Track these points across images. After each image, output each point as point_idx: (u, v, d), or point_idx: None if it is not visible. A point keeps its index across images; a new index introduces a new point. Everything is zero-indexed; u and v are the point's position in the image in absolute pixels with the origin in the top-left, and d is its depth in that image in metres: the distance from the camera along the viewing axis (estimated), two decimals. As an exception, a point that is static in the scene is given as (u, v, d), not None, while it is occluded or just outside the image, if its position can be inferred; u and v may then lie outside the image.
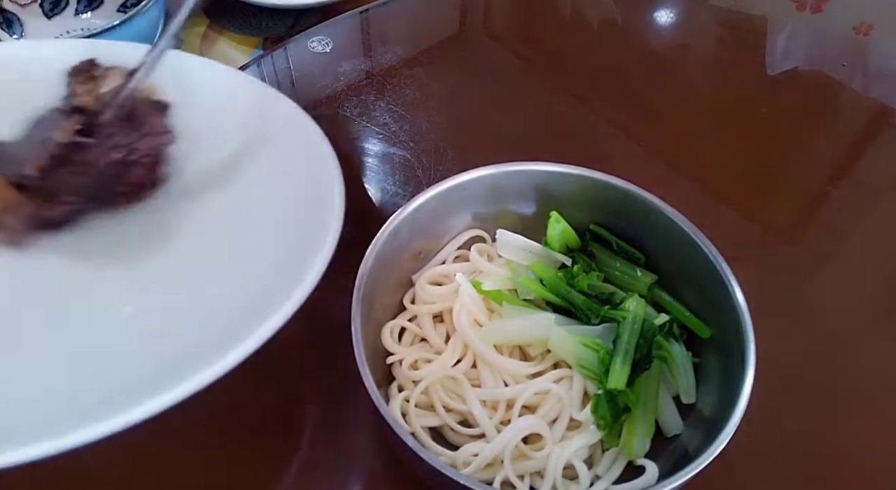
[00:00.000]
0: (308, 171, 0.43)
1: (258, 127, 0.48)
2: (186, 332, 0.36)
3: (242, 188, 0.45)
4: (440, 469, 0.33)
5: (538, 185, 0.47)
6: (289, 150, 0.46)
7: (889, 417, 0.46)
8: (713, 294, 0.41)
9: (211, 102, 0.48)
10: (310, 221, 0.40)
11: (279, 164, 0.45)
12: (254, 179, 0.45)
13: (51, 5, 0.68)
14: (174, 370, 0.32)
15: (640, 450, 0.39)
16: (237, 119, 0.48)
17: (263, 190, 0.44)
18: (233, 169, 0.46)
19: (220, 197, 0.45)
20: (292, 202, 0.43)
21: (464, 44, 0.74)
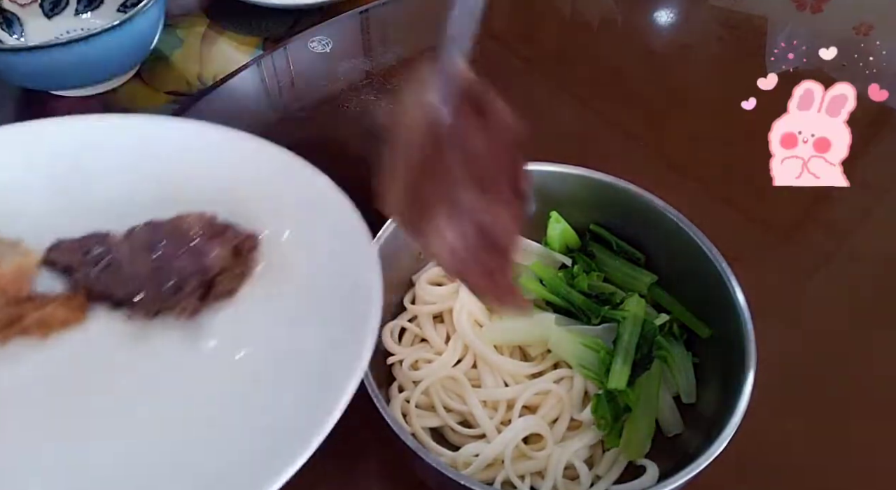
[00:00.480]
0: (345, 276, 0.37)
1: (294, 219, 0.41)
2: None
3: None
4: (440, 469, 0.33)
5: (538, 185, 0.47)
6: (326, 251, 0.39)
7: (889, 417, 0.46)
8: (713, 294, 0.41)
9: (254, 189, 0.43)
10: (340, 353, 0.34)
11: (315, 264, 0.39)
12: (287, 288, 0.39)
13: (51, 5, 0.68)
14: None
15: (640, 450, 0.39)
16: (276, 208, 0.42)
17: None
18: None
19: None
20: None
21: (464, 44, 0.74)
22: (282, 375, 0.35)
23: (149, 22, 0.61)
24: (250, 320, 0.37)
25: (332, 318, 0.36)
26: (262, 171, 0.43)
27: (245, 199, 0.41)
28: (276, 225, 0.41)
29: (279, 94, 0.66)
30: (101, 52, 0.59)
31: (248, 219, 0.41)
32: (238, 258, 0.39)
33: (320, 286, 0.37)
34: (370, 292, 0.35)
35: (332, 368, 0.33)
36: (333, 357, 0.34)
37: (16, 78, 0.60)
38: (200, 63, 0.70)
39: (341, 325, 0.35)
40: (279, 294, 0.38)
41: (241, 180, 0.42)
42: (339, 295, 0.36)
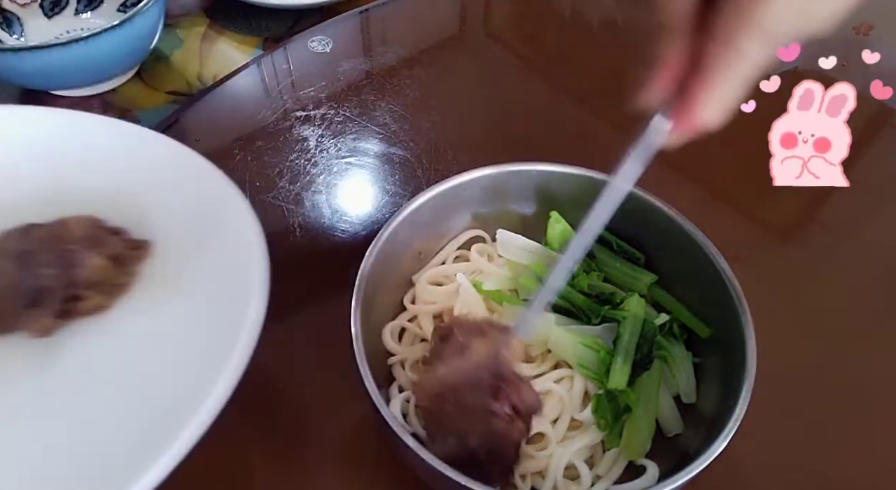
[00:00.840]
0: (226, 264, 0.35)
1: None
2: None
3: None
4: (440, 469, 0.33)
5: (538, 185, 0.47)
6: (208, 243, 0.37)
7: (889, 417, 0.46)
8: (713, 294, 0.41)
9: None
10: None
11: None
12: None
13: (51, 5, 0.68)
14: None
15: (641, 450, 0.39)
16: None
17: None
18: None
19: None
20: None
21: (464, 44, 0.74)
22: (134, 402, 0.32)
23: (149, 22, 0.61)
24: (115, 339, 0.34)
25: (205, 338, 0.33)
26: (163, 171, 0.40)
27: (141, 201, 0.39)
28: (170, 231, 0.38)
29: (279, 94, 0.65)
30: (101, 52, 0.59)
31: (142, 224, 0.38)
32: (121, 268, 0.36)
33: (201, 301, 0.35)
34: (247, 311, 0.33)
35: (189, 392, 0.31)
36: (190, 383, 0.32)
37: (16, 78, 0.60)
38: (200, 63, 0.70)
39: (214, 343, 0.33)
40: (155, 309, 0.35)
41: (141, 181, 0.39)
42: (218, 311, 0.34)
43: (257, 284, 0.34)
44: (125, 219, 0.38)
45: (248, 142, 0.60)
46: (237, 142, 0.60)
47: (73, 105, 0.65)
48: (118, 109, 0.65)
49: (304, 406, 0.45)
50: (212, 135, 0.61)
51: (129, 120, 0.64)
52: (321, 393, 0.45)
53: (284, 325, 0.49)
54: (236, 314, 0.33)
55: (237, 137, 0.61)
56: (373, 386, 0.36)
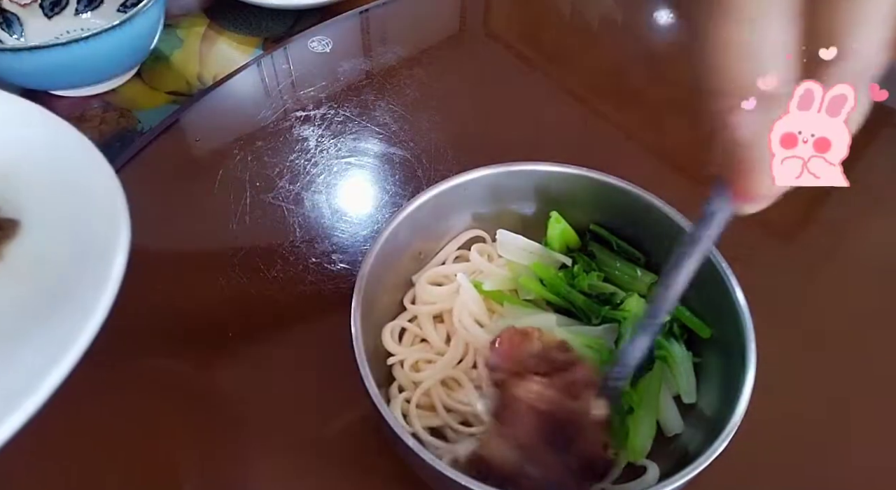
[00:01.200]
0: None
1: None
2: None
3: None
4: (440, 469, 0.33)
5: (538, 185, 0.47)
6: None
7: (889, 417, 0.46)
8: (713, 294, 0.41)
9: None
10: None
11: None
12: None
13: (51, 5, 0.68)
14: None
15: (642, 450, 0.39)
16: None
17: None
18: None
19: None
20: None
21: (464, 44, 0.74)
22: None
23: (149, 22, 0.61)
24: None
25: (55, 320, 0.33)
26: (33, 144, 0.40)
27: (10, 178, 0.38)
28: (37, 208, 0.37)
29: (279, 94, 0.65)
30: (101, 52, 0.59)
31: (12, 200, 0.37)
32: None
33: (60, 281, 0.35)
34: (99, 295, 0.33)
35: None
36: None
37: (16, 78, 0.60)
38: (200, 63, 0.70)
39: (64, 326, 0.32)
40: (14, 286, 0.35)
41: (13, 156, 0.39)
42: (74, 291, 0.34)
43: (117, 265, 0.34)
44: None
45: (248, 142, 0.60)
46: (237, 142, 0.60)
47: (73, 105, 0.65)
48: (118, 109, 0.65)
49: (303, 406, 0.45)
50: (212, 135, 0.61)
51: (129, 120, 0.64)
52: (321, 393, 0.45)
53: (284, 325, 0.49)
54: (90, 296, 0.33)
55: (237, 137, 0.61)
56: (373, 386, 0.36)
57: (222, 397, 0.46)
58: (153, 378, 0.46)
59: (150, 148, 0.59)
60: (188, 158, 0.60)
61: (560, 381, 0.37)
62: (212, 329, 0.48)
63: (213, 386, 0.46)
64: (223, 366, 0.47)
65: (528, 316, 0.43)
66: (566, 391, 0.37)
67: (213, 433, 0.44)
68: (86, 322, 0.32)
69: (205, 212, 0.56)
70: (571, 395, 0.37)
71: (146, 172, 0.58)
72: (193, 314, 0.49)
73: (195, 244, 0.54)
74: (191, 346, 0.47)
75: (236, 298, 0.50)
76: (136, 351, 0.47)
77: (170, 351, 0.47)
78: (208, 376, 0.47)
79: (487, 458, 0.35)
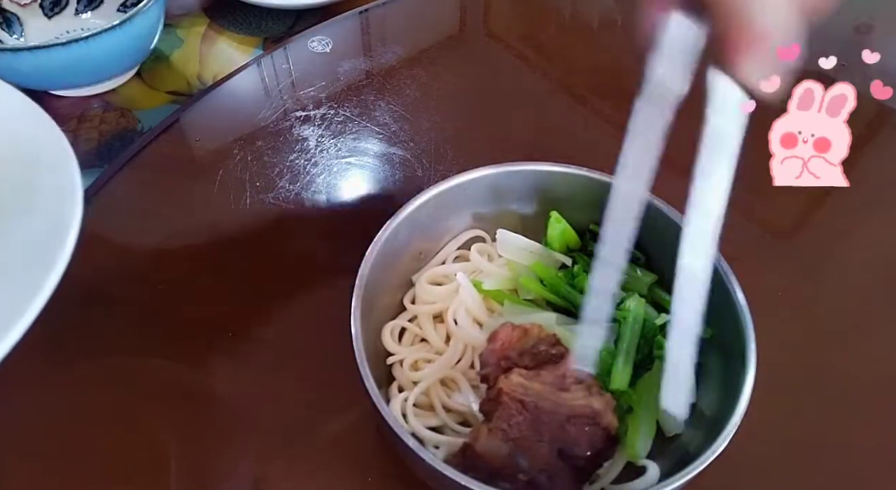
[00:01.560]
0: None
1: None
2: None
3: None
4: (440, 469, 0.33)
5: (538, 185, 0.47)
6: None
7: (889, 417, 0.46)
8: (713, 294, 0.41)
9: None
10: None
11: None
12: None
13: (51, 5, 0.68)
14: None
15: (642, 450, 0.39)
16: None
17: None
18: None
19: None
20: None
21: (464, 44, 0.74)
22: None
23: (149, 22, 0.61)
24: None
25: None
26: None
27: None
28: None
29: (279, 94, 0.65)
30: (101, 52, 0.59)
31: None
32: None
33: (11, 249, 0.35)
34: (55, 258, 0.33)
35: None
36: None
37: (16, 78, 0.60)
38: (200, 63, 0.70)
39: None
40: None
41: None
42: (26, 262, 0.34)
43: (68, 241, 0.34)
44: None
45: (248, 142, 0.60)
46: (237, 142, 0.60)
47: (73, 105, 0.65)
48: (118, 109, 0.65)
49: (303, 406, 0.45)
50: (212, 135, 0.61)
51: (129, 120, 0.64)
52: (321, 393, 0.45)
53: (284, 325, 0.49)
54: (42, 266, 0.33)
55: (237, 137, 0.61)
56: (373, 386, 0.36)
57: (221, 397, 0.46)
58: (151, 378, 0.46)
59: (150, 148, 0.59)
60: (188, 158, 0.60)
61: (549, 375, 0.37)
62: (211, 329, 0.48)
63: (211, 385, 0.46)
64: (222, 365, 0.47)
65: (528, 315, 0.43)
66: (555, 384, 0.37)
67: (212, 433, 0.44)
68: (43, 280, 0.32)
69: (205, 212, 0.56)
70: (560, 388, 0.37)
71: (146, 172, 0.58)
72: (193, 314, 0.49)
73: (195, 244, 0.54)
74: (190, 346, 0.47)
75: (236, 298, 0.50)
76: (134, 350, 0.47)
77: (168, 350, 0.47)
78: (207, 376, 0.47)
79: (477, 451, 0.35)
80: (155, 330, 0.48)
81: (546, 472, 0.36)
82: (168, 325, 0.49)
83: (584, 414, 0.36)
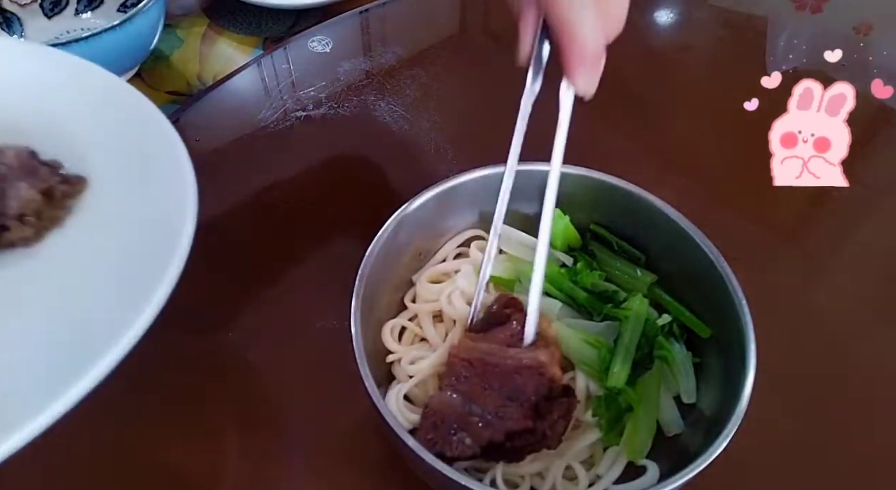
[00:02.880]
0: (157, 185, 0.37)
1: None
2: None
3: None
4: (440, 469, 0.33)
5: (539, 185, 0.46)
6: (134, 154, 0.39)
7: (889, 417, 0.46)
8: (713, 294, 0.41)
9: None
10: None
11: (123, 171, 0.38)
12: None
13: (51, 5, 0.68)
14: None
15: (642, 450, 0.39)
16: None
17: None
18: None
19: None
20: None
21: (464, 44, 0.74)
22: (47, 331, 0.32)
23: (149, 22, 0.61)
24: (41, 270, 0.34)
25: (128, 278, 0.34)
26: (103, 107, 0.41)
27: (79, 137, 0.39)
28: (105, 167, 0.38)
29: (279, 94, 0.66)
30: (101, 52, 0.59)
31: (77, 158, 0.38)
32: (53, 203, 0.36)
33: (130, 239, 0.35)
34: (171, 257, 0.34)
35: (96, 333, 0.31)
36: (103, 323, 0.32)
37: (16, 78, 0.60)
38: (200, 63, 0.70)
39: (137, 280, 0.33)
40: (84, 243, 0.36)
41: (79, 116, 0.40)
42: (144, 250, 0.35)
43: (186, 228, 0.35)
44: (61, 153, 0.38)
45: (248, 142, 0.60)
46: (237, 142, 0.60)
47: (73, 105, 0.65)
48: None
49: (303, 406, 0.45)
50: (212, 135, 0.61)
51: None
52: (321, 393, 0.45)
53: (284, 325, 0.49)
54: (162, 255, 0.34)
55: (237, 137, 0.61)
56: (373, 386, 0.36)
57: (220, 397, 0.46)
58: (149, 378, 0.46)
59: (150, 148, 0.59)
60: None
61: (500, 334, 0.40)
62: (210, 329, 0.48)
63: (209, 384, 0.46)
64: (221, 365, 0.47)
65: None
66: (504, 342, 0.40)
67: (211, 433, 0.44)
68: (160, 280, 0.33)
69: (204, 212, 0.56)
70: (509, 345, 0.40)
71: (146, 172, 0.58)
72: (192, 314, 0.49)
73: (195, 244, 0.54)
74: (189, 346, 0.47)
75: (236, 298, 0.50)
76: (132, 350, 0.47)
77: (166, 350, 0.47)
78: (205, 375, 0.47)
79: (433, 407, 0.38)
80: (151, 326, 0.48)
81: (497, 413, 0.38)
82: (165, 324, 0.49)
83: (531, 365, 0.38)
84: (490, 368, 0.39)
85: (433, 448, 0.36)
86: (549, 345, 0.40)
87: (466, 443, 0.37)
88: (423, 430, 0.37)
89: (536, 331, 0.40)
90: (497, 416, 0.38)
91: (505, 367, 0.39)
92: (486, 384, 0.38)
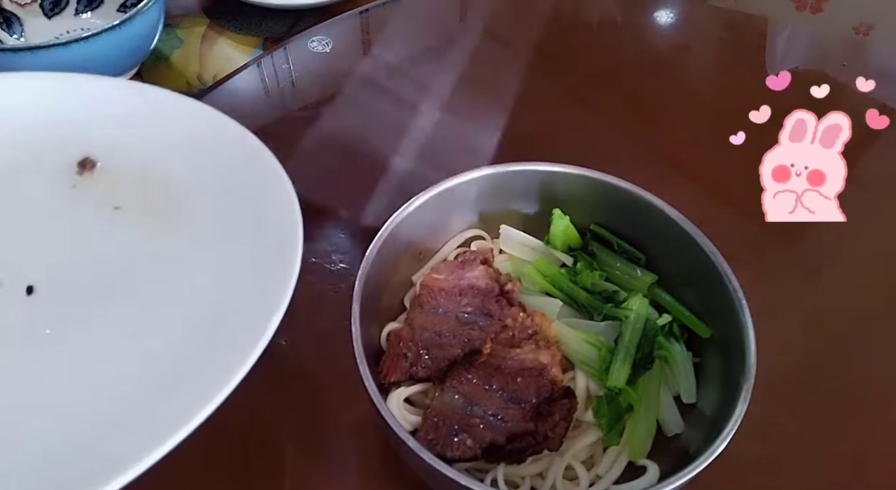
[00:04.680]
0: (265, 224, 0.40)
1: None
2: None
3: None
4: (440, 469, 0.33)
5: (539, 185, 0.47)
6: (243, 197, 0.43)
7: (889, 417, 0.46)
8: (713, 294, 0.41)
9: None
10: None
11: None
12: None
13: (51, 5, 0.68)
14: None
15: (641, 450, 0.39)
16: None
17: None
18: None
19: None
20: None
21: (464, 44, 0.74)
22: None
23: (149, 22, 0.61)
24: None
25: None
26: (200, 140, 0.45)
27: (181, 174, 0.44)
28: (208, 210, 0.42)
29: (279, 94, 0.66)
30: (101, 52, 0.59)
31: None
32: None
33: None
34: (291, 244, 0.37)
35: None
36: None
37: (16, 78, 0.60)
38: (200, 63, 0.70)
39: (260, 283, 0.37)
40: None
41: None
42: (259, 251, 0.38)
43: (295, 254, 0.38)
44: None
45: (248, 142, 0.60)
46: (237, 142, 0.60)
47: (73, 105, 0.65)
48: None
49: (303, 406, 0.45)
50: (212, 135, 0.61)
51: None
52: (321, 393, 0.45)
53: (284, 326, 0.49)
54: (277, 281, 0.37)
55: (237, 137, 0.61)
56: (373, 386, 0.36)
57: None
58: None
59: (150, 148, 0.59)
60: (188, 158, 0.60)
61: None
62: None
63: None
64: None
65: (533, 298, 0.43)
66: (506, 343, 0.41)
67: (211, 433, 0.44)
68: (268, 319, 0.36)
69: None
70: (511, 344, 0.40)
71: (146, 172, 0.58)
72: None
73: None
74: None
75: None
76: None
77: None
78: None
79: (435, 409, 0.38)
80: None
81: (498, 415, 0.38)
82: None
83: (532, 367, 0.39)
84: (492, 370, 0.39)
85: (434, 449, 0.36)
86: (550, 345, 0.40)
87: (468, 444, 0.37)
88: (424, 431, 0.37)
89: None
90: (498, 417, 0.38)
91: (508, 370, 0.39)
92: (487, 386, 0.39)
